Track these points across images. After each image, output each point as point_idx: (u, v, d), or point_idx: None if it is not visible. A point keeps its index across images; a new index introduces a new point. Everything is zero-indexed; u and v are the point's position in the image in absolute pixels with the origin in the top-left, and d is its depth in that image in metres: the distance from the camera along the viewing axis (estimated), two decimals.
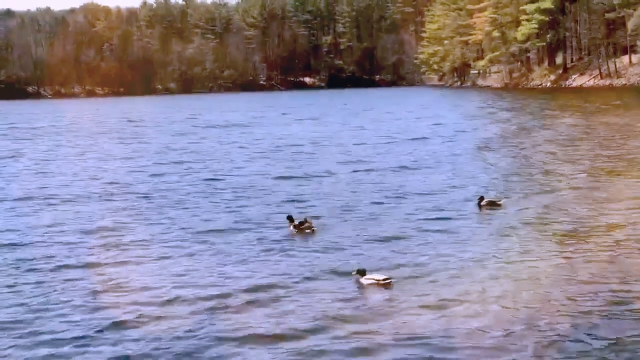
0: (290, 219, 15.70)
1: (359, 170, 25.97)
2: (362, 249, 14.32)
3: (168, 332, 10.09)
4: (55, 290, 12.03)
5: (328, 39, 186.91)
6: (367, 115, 61.31)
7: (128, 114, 73.42)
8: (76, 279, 12.61)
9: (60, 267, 13.48)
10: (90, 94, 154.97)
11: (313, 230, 15.48)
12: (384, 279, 11.63)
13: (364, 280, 11.74)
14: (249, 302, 11.18)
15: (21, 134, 50.27)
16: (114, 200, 21.02)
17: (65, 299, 11.55)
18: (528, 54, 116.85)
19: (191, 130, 49.17)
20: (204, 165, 29.18)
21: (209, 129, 49.90)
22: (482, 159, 28.74)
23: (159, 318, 10.64)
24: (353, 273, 12.03)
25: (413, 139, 37.91)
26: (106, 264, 13.64)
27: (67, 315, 10.86)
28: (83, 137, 46.21)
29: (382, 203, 19.17)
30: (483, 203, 17.66)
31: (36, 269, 13.37)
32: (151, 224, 17.27)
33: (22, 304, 11.39)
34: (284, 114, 67.00)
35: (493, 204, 17.66)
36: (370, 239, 15.09)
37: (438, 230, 15.72)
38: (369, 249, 14.37)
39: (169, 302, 11.36)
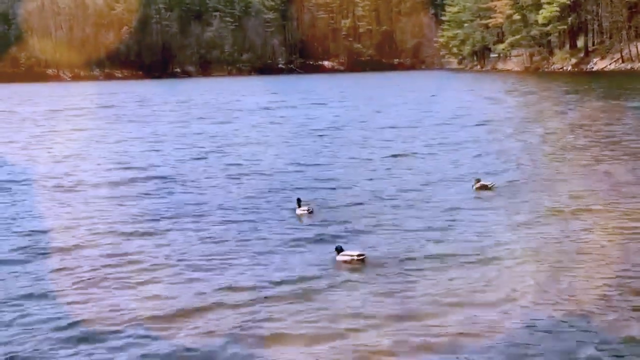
0: (298, 202, 16.50)
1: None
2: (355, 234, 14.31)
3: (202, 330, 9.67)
4: (87, 280, 11.71)
5: (347, 22, 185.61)
6: (414, 97, 59.48)
7: (164, 97, 72.43)
8: (97, 275, 11.95)
9: (88, 256, 13.04)
10: (109, 76, 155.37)
11: (312, 211, 16.08)
12: (358, 255, 11.85)
13: (339, 257, 11.93)
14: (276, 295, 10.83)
15: (54, 116, 49.74)
16: (143, 186, 20.63)
17: (96, 292, 11.14)
18: (549, 37, 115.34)
19: (235, 114, 48.50)
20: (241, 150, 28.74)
21: (258, 112, 49.49)
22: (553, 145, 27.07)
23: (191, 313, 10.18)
24: (335, 251, 12.23)
25: (469, 125, 36.01)
26: (123, 258, 12.95)
27: (98, 310, 10.36)
28: (119, 121, 45.44)
29: (410, 190, 18.79)
30: (477, 186, 17.99)
31: (65, 259, 12.96)
32: (185, 212, 16.81)
33: (56, 296, 10.99)
34: (315, 101, 65.71)
35: (485, 188, 17.95)
36: (367, 223, 15.08)
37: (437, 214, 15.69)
38: (362, 233, 14.36)
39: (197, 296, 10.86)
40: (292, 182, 20.60)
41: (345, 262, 11.83)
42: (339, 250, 12.04)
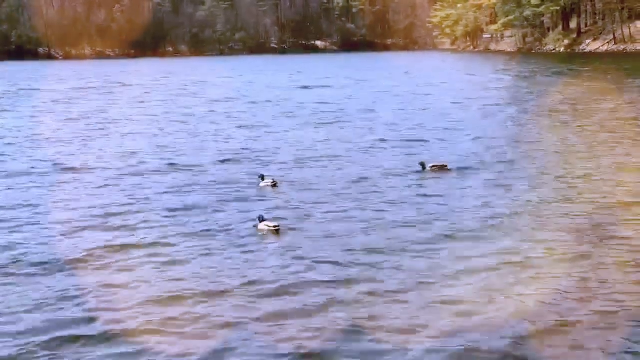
0: (262, 177, 17.43)
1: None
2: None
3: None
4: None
5: (340, 2, 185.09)
6: (441, 80, 57.58)
7: (179, 77, 69.96)
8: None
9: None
10: (101, 55, 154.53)
11: (276, 185, 17.13)
12: (274, 226, 13.02)
13: (260, 227, 13.08)
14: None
15: (58, 96, 48.04)
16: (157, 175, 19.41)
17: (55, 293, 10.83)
18: (542, 18, 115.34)
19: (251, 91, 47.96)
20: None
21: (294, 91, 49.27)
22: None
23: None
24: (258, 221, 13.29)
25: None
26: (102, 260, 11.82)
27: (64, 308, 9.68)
28: (128, 100, 44.23)
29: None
30: (427, 168, 18.51)
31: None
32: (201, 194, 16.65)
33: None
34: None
35: (442, 168, 18.54)
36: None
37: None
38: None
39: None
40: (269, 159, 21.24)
41: (263, 230, 12.95)
42: (261, 219, 13.18)
